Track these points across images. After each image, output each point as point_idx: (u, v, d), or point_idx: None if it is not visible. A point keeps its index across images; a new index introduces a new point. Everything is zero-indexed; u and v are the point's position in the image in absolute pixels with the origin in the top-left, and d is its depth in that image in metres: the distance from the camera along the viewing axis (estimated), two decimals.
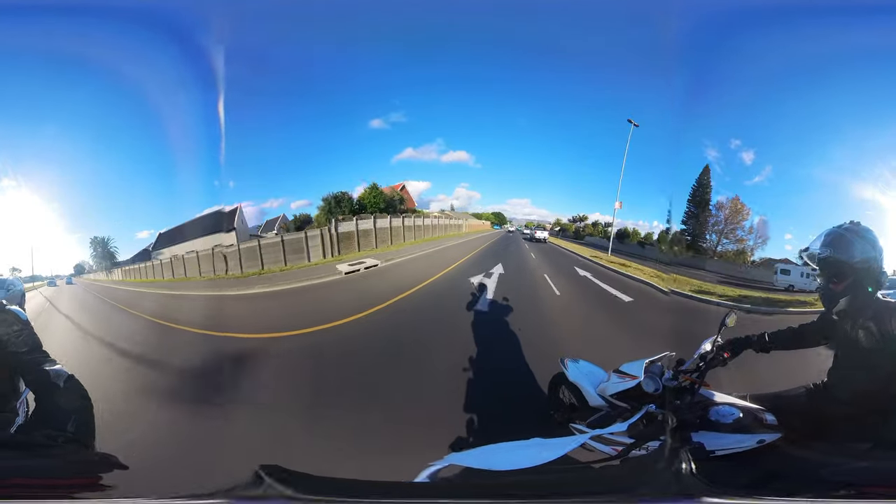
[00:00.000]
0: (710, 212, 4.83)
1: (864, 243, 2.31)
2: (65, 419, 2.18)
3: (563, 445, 2.13)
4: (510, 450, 2.14)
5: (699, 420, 2.43)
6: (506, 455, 2.08)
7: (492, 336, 5.20)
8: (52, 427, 2.15)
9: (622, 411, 2.81)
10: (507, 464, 1.93)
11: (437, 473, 1.85)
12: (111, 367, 4.56)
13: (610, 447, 2.48)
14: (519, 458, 1.95)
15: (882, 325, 2.19)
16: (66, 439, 2.14)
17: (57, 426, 2.15)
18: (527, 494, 1.88)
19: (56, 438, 2.12)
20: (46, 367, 2.31)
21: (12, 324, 2.36)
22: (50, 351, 2.43)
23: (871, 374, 2.20)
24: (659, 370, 2.87)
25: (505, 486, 1.91)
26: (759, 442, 2.34)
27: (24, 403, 2.65)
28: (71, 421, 2.19)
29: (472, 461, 2.04)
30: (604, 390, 3.01)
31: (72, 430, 2.17)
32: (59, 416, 2.19)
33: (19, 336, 2.35)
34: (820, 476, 2.10)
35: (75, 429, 2.18)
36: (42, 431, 2.13)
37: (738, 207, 5.00)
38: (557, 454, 2.00)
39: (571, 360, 3.47)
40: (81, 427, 2.23)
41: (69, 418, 2.19)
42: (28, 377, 2.37)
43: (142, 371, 4.47)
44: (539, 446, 2.11)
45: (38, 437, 2.11)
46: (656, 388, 2.71)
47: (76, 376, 2.35)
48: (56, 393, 2.26)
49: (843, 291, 2.34)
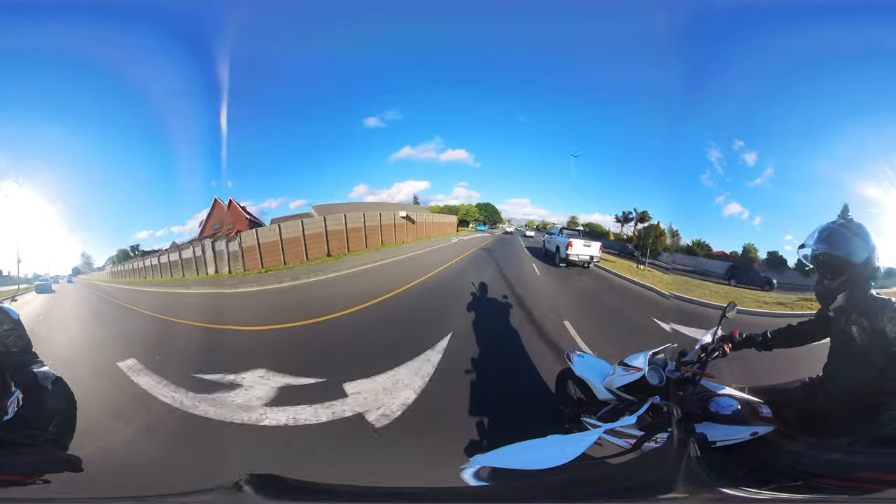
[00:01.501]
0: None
1: (857, 239, 2.34)
2: (47, 420, 2.22)
3: (582, 441, 2.20)
4: (533, 449, 2.20)
5: (701, 411, 2.53)
6: (531, 454, 2.14)
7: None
8: (35, 427, 2.20)
9: (630, 404, 2.88)
10: (534, 463, 2.00)
11: (478, 473, 1.91)
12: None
13: (623, 440, 2.56)
14: (545, 457, 2.03)
15: (874, 322, 2.23)
16: (46, 439, 2.19)
17: (39, 426, 2.20)
18: (557, 496, 1.94)
19: (36, 438, 2.17)
20: (35, 368, 2.32)
21: (3, 323, 2.35)
22: (44, 350, 2.44)
23: (862, 369, 2.26)
24: (662, 362, 2.95)
25: (534, 490, 1.97)
26: (752, 434, 2.43)
27: (16, 402, 2.61)
28: (53, 422, 2.23)
29: (500, 461, 2.11)
30: (610, 383, 3.08)
31: (53, 430, 2.22)
32: (42, 416, 2.23)
33: (9, 336, 2.35)
34: (809, 468, 2.19)
35: (56, 430, 2.23)
36: (24, 431, 2.18)
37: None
38: (579, 451, 2.07)
39: (577, 355, 3.53)
40: (62, 429, 2.27)
41: (52, 419, 2.23)
42: (17, 377, 2.37)
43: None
44: (559, 443, 2.19)
45: (20, 436, 2.16)
46: (660, 380, 2.84)
47: (64, 378, 2.37)
48: (43, 394, 2.28)
49: (838, 287, 2.36)
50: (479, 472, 2.10)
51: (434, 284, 6.32)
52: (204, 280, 5.72)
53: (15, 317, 2.45)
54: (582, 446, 2.13)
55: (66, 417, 2.32)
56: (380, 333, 5.08)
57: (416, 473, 2.61)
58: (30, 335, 2.51)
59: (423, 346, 4.45)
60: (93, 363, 4.51)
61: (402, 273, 6.77)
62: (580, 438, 2.26)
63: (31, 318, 4.91)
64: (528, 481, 2.00)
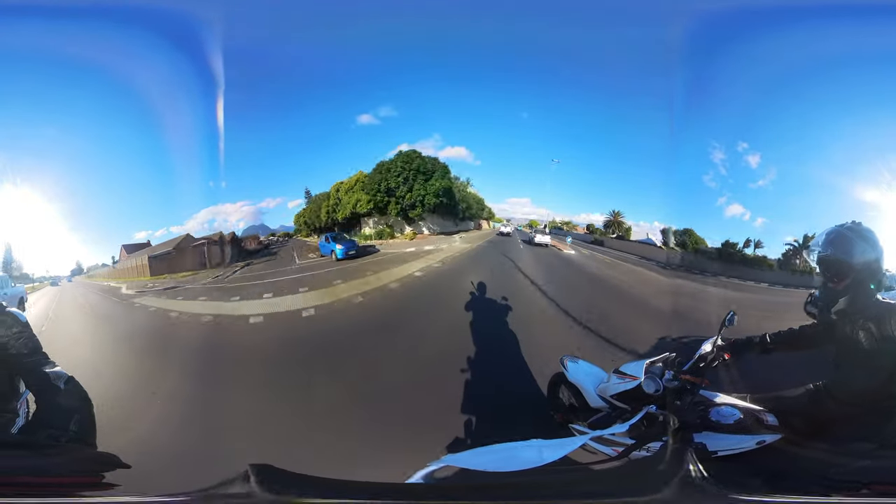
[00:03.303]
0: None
1: (863, 243, 2.31)
2: (66, 419, 2.20)
3: (563, 446, 2.12)
4: (509, 451, 2.12)
5: (700, 421, 2.44)
6: (505, 456, 2.06)
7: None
8: (55, 427, 2.18)
9: (622, 412, 2.81)
10: (505, 465, 1.92)
11: (433, 475, 1.84)
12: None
13: (610, 448, 2.49)
14: (518, 460, 1.94)
15: (882, 326, 2.20)
16: (70, 438, 2.17)
17: (59, 426, 2.18)
18: (524, 496, 1.86)
19: (59, 438, 2.15)
20: (47, 369, 2.32)
21: (11, 326, 2.36)
22: (53, 350, 2.44)
23: (871, 374, 2.22)
24: (659, 371, 2.85)
25: (502, 488, 1.89)
26: (758, 443, 2.35)
27: (25, 404, 2.68)
28: (73, 421, 2.21)
29: (470, 462, 2.02)
30: (604, 391, 3.01)
31: (74, 429, 2.20)
32: (60, 416, 2.22)
33: (19, 338, 2.35)
34: (821, 476, 2.10)
35: (77, 428, 2.21)
36: (45, 431, 2.16)
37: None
38: (558, 455, 1.99)
39: (571, 361, 3.47)
40: (83, 427, 2.25)
41: (71, 418, 2.21)
42: (28, 379, 2.38)
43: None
44: (539, 447, 2.09)
45: (42, 436, 2.15)
46: (657, 389, 2.71)
47: (75, 377, 2.36)
48: (57, 395, 2.28)
49: (842, 290, 2.35)
50: (446, 471, 1.99)
51: None
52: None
53: (23, 320, 2.48)
54: (561, 451, 2.04)
55: (85, 415, 2.31)
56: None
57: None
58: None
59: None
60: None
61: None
62: (562, 444, 2.16)
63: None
64: (504, 481, 1.90)
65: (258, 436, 3.54)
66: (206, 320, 5.25)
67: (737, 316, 2.73)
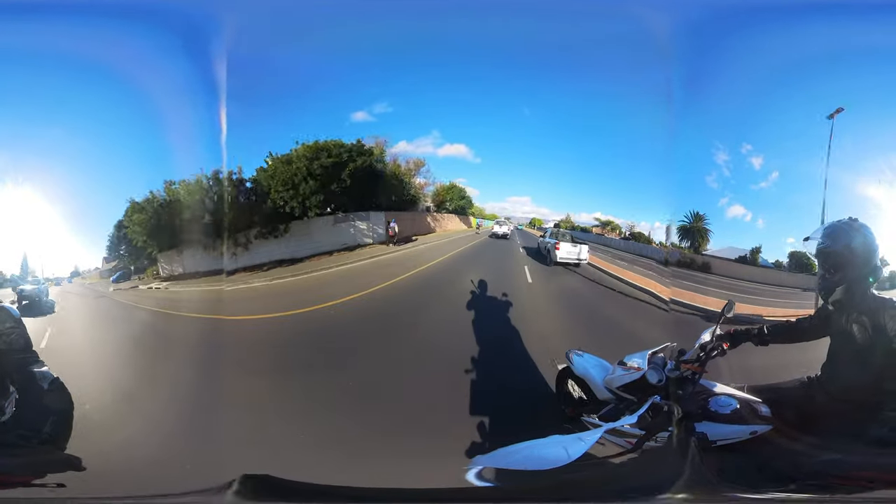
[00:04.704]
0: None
1: (858, 235, 2.41)
2: (42, 421, 2.19)
3: (584, 441, 2.18)
4: (535, 448, 2.18)
5: (701, 410, 2.56)
6: (532, 454, 2.12)
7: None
8: (28, 428, 2.17)
9: (630, 403, 2.90)
10: (538, 463, 1.99)
11: (481, 474, 1.90)
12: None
13: (623, 440, 2.58)
14: (547, 457, 2.02)
15: (875, 321, 2.27)
16: (41, 440, 2.16)
17: (33, 427, 2.17)
18: (558, 497, 1.93)
19: (30, 439, 2.15)
20: (34, 368, 2.30)
21: (5, 321, 2.33)
22: (54, 350, 2.46)
23: (862, 368, 2.30)
24: (661, 361, 2.95)
25: (536, 491, 1.96)
26: (752, 433, 2.46)
27: (13, 403, 2.57)
28: (48, 423, 2.20)
29: (501, 462, 2.10)
30: (610, 382, 3.10)
31: (48, 431, 2.18)
32: (37, 417, 2.20)
33: (11, 334, 2.33)
34: (807, 468, 2.23)
35: (51, 430, 2.20)
36: (17, 431, 2.16)
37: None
38: (582, 451, 2.07)
39: (576, 354, 3.53)
40: (58, 430, 2.24)
41: (47, 420, 2.20)
42: (14, 376, 2.35)
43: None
44: (561, 444, 2.16)
45: (13, 436, 2.14)
46: (660, 379, 2.84)
47: (61, 378, 2.34)
48: (38, 395, 2.26)
49: (838, 281, 2.43)
50: (482, 473, 2.09)
51: None
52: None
53: (16, 315, 2.44)
54: (584, 445, 2.12)
55: (62, 418, 2.28)
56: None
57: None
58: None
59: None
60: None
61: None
62: (582, 438, 2.23)
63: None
64: (531, 482, 1.99)
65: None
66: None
67: (735, 305, 2.83)
